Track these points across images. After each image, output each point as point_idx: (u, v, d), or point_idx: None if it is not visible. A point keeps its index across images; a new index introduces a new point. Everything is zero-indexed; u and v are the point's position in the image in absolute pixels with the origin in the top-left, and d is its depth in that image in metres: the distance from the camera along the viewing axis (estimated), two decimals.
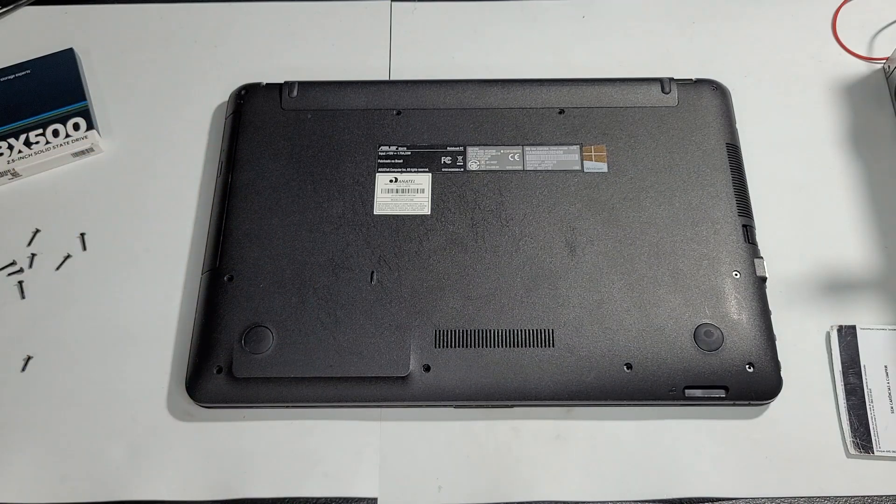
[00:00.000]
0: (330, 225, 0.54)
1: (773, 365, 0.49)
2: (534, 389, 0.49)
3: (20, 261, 0.56)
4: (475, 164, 0.56)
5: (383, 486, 0.49)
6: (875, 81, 0.62)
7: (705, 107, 0.58)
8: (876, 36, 0.64)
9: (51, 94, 0.61)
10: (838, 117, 0.61)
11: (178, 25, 0.66)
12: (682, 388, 0.49)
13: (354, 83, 0.59)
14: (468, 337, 0.50)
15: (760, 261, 0.53)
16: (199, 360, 0.50)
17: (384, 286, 0.52)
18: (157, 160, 0.60)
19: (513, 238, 0.53)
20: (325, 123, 0.57)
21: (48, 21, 0.67)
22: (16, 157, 0.58)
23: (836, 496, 0.48)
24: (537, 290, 0.51)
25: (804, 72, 0.63)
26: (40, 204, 0.58)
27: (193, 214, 0.58)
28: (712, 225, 0.53)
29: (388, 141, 0.57)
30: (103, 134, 0.61)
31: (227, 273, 0.52)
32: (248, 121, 0.58)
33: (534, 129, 0.57)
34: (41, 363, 0.53)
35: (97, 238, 0.57)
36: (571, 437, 0.50)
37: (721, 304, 0.51)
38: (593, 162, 0.56)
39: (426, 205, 0.54)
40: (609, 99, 0.58)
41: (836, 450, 0.49)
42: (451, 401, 0.49)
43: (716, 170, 0.55)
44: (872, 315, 0.53)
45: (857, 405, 0.50)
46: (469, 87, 0.59)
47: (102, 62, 0.65)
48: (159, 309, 0.54)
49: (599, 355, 0.49)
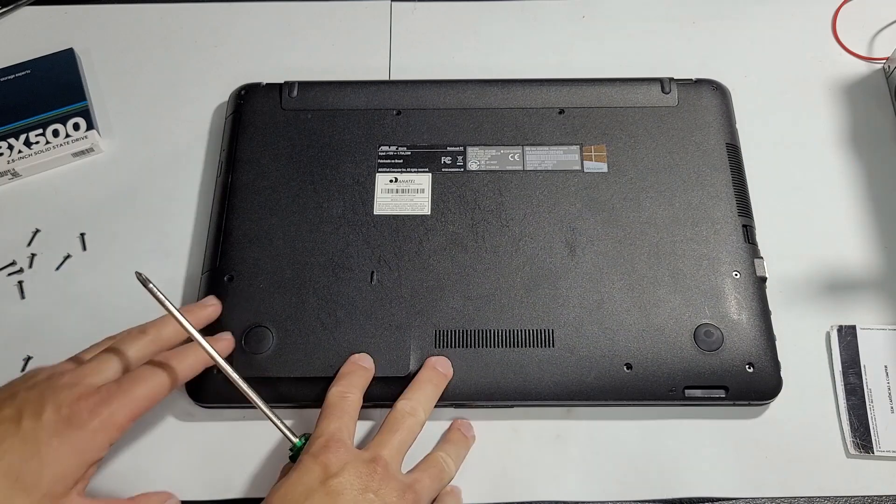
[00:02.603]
0: (330, 225, 0.54)
1: (773, 365, 0.49)
2: (534, 389, 0.49)
3: (20, 261, 0.56)
4: (475, 164, 0.56)
5: None
6: (875, 81, 0.62)
7: (705, 107, 0.58)
8: (876, 36, 0.64)
9: (51, 94, 0.61)
10: (838, 117, 0.61)
11: (178, 25, 0.66)
12: (682, 388, 0.49)
13: (354, 83, 0.59)
14: (468, 337, 0.50)
15: (760, 261, 0.53)
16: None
17: (384, 286, 0.52)
18: (157, 160, 0.60)
19: (513, 238, 0.53)
20: (325, 123, 0.57)
21: (48, 21, 0.67)
22: (16, 157, 0.58)
23: (836, 496, 0.48)
24: (537, 290, 0.51)
25: (804, 72, 0.63)
26: (40, 204, 0.58)
27: (193, 214, 0.58)
28: (712, 225, 0.53)
29: (388, 141, 0.57)
30: (103, 134, 0.61)
31: (227, 273, 0.52)
32: (248, 121, 0.58)
33: (534, 129, 0.57)
34: (41, 363, 0.52)
35: (97, 238, 0.57)
36: (571, 437, 0.50)
37: (721, 304, 0.51)
38: (593, 162, 0.56)
39: (426, 205, 0.54)
40: (609, 99, 0.58)
41: (836, 450, 0.49)
42: (451, 401, 0.49)
43: (716, 170, 0.55)
44: (872, 315, 0.53)
45: (857, 405, 0.50)
46: (469, 87, 0.59)
47: (102, 62, 0.65)
48: (159, 309, 0.54)
49: (599, 355, 0.49)
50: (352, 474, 0.42)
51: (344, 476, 0.41)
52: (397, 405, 0.46)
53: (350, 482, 0.41)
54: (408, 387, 0.48)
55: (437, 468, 0.46)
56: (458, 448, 0.48)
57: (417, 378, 0.48)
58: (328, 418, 0.45)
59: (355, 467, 0.42)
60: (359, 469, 0.42)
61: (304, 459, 0.43)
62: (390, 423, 0.45)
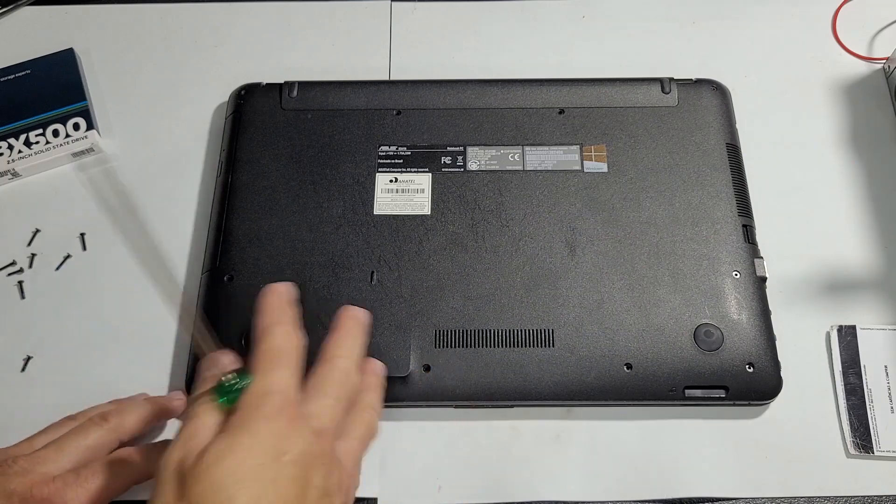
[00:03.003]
0: (330, 225, 0.54)
1: (773, 365, 0.49)
2: (534, 389, 0.49)
3: (20, 261, 0.56)
4: (475, 164, 0.56)
5: (383, 485, 0.48)
6: (875, 81, 0.62)
7: (705, 107, 0.58)
8: (876, 36, 0.64)
9: (51, 94, 0.61)
10: (838, 117, 0.61)
11: (178, 25, 0.66)
12: (682, 388, 0.49)
13: (354, 83, 0.59)
14: (468, 337, 0.50)
15: (760, 261, 0.53)
16: (199, 360, 0.50)
17: (384, 286, 0.52)
18: (157, 160, 0.60)
19: (513, 238, 0.53)
20: (325, 123, 0.57)
21: (48, 21, 0.67)
22: (16, 157, 0.58)
23: (836, 496, 0.48)
24: (537, 290, 0.51)
25: (804, 72, 0.63)
26: (40, 204, 0.58)
27: (193, 214, 0.58)
28: (712, 225, 0.53)
29: (388, 141, 0.57)
30: (103, 134, 0.61)
31: (227, 273, 0.52)
32: (248, 121, 0.58)
33: (534, 129, 0.57)
34: (41, 363, 0.53)
35: (97, 238, 0.57)
36: (571, 437, 0.50)
37: (721, 304, 0.51)
38: (593, 162, 0.56)
39: (426, 205, 0.54)
40: (609, 99, 0.58)
41: (836, 450, 0.49)
42: (451, 401, 0.49)
43: (716, 170, 0.55)
44: (872, 315, 0.53)
45: (857, 405, 0.50)
46: (469, 87, 0.59)
47: (102, 62, 0.65)
48: (159, 309, 0.54)
49: (599, 355, 0.49)
50: (304, 455, 0.35)
51: (296, 455, 0.35)
52: (333, 360, 0.40)
53: (301, 465, 0.35)
54: (331, 337, 0.42)
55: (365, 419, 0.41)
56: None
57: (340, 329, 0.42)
58: (277, 367, 0.37)
59: (308, 445, 0.35)
60: (311, 448, 0.35)
61: (256, 419, 0.35)
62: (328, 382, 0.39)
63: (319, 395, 0.39)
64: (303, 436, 0.36)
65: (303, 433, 0.36)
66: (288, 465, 0.34)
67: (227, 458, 0.33)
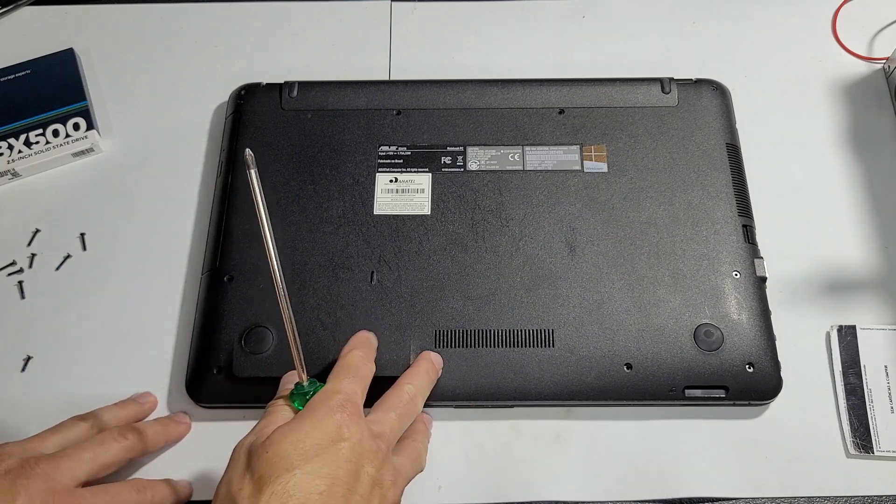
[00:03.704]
0: (330, 225, 0.54)
1: (773, 365, 0.49)
2: (534, 389, 0.49)
3: (20, 261, 0.56)
4: (475, 164, 0.56)
5: None
6: (875, 81, 0.62)
7: (705, 107, 0.58)
8: (876, 36, 0.64)
9: (51, 94, 0.61)
10: (838, 117, 0.61)
11: (178, 25, 0.66)
12: (682, 388, 0.49)
13: (354, 83, 0.59)
14: (468, 337, 0.50)
15: (760, 261, 0.53)
16: (198, 360, 0.50)
17: (384, 286, 0.52)
18: (157, 160, 0.60)
19: (513, 238, 0.53)
20: (326, 123, 0.57)
21: (48, 21, 0.67)
22: (16, 157, 0.58)
23: (836, 496, 0.48)
24: (537, 290, 0.51)
25: (804, 72, 0.63)
26: (40, 204, 0.58)
27: (193, 214, 0.58)
28: (712, 225, 0.53)
29: (388, 141, 0.57)
30: (103, 134, 0.61)
31: (227, 273, 0.52)
32: (248, 121, 0.58)
33: (534, 129, 0.57)
34: (41, 363, 0.53)
35: (97, 238, 0.57)
36: (571, 437, 0.50)
37: (721, 304, 0.51)
38: (593, 162, 0.56)
39: (426, 205, 0.54)
40: (609, 99, 0.58)
41: (836, 450, 0.49)
42: (451, 401, 0.49)
43: (716, 170, 0.55)
44: (872, 315, 0.53)
45: (857, 405, 0.50)
46: (469, 87, 0.59)
47: (102, 62, 0.65)
48: (159, 309, 0.54)
49: (599, 355, 0.49)
50: (360, 445, 0.40)
51: (353, 444, 0.39)
52: (403, 386, 0.46)
53: (357, 453, 0.39)
54: (408, 371, 0.47)
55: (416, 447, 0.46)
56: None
57: (417, 366, 0.48)
58: (347, 377, 0.43)
59: (365, 439, 0.40)
60: (367, 443, 0.40)
61: (321, 409, 0.40)
62: (395, 402, 0.45)
63: (385, 408, 0.44)
64: (361, 430, 0.40)
65: (362, 428, 0.40)
66: (345, 450, 0.39)
67: (290, 435, 0.38)
